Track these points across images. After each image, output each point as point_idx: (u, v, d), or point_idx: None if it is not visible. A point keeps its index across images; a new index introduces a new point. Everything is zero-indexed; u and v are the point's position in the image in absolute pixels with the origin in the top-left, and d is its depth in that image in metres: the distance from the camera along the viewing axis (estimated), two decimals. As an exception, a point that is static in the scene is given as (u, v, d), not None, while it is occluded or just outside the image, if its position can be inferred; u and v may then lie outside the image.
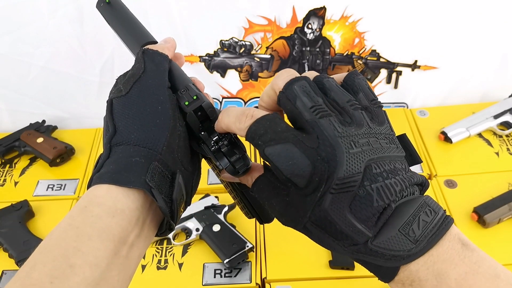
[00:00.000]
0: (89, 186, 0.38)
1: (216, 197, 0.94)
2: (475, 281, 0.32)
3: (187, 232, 0.90)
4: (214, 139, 0.44)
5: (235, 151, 0.43)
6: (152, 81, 0.43)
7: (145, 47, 0.48)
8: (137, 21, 0.54)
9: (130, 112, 0.41)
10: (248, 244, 0.84)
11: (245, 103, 1.19)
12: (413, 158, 0.40)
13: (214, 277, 0.83)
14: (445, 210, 0.37)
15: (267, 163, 0.38)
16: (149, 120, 0.41)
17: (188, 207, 0.45)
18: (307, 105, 0.36)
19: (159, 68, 0.45)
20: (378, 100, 0.39)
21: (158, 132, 0.40)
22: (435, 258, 0.34)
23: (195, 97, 0.43)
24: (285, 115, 0.40)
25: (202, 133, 0.44)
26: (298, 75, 0.38)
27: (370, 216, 0.34)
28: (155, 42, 0.50)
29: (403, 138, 0.41)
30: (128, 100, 0.42)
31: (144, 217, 0.39)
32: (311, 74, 0.39)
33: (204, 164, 0.48)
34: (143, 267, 0.86)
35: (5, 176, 1.06)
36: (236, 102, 1.19)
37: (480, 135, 1.06)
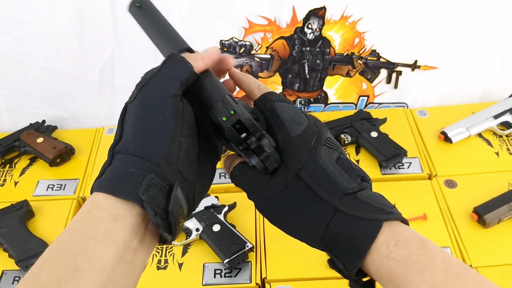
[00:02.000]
0: (91, 192, 0.39)
1: (216, 197, 0.94)
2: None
3: (187, 232, 0.90)
4: (242, 136, 0.43)
5: (265, 148, 0.43)
6: (158, 87, 0.42)
7: (178, 53, 0.46)
8: (171, 27, 0.52)
9: (132, 120, 0.41)
10: (248, 244, 0.84)
11: (245, 103, 1.19)
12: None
13: (214, 277, 0.83)
14: None
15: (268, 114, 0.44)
16: (148, 131, 0.40)
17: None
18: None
19: (172, 76, 0.43)
20: None
21: (157, 144, 0.40)
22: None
23: (232, 112, 0.42)
24: None
25: (240, 148, 0.43)
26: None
27: (353, 176, 0.41)
28: (190, 50, 0.49)
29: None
30: (133, 107, 0.42)
31: (146, 224, 0.39)
32: None
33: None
34: (143, 267, 0.86)
35: (5, 176, 1.06)
36: (236, 102, 1.19)
37: (480, 135, 1.06)
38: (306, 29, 1.07)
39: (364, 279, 0.40)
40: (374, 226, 0.38)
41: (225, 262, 0.83)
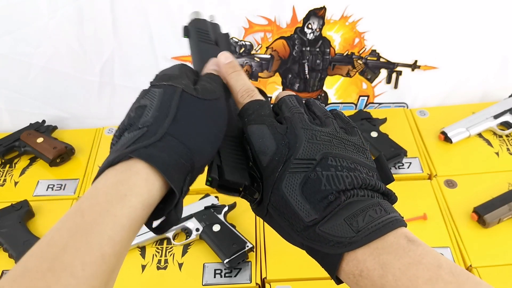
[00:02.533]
0: (131, 151, 0.38)
1: (216, 197, 0.94)
2: (417, 270, 0.34)
3: (187, 232, 0.90)
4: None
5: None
6: (223, 105, 0.45)
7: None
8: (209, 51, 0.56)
9: (198, 114, 0.42)
10: (248, 244, 0.84)
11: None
12: (387, 176, 0.43)
13: (214, 277, 0.83)
14: (403, 217, 0.39)
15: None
16: (208, 136, 0.42)
17: (188, 206, 0.46)
18: (288, 106, 0.44)
19: (227, 96, 0.47)
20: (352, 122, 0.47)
21: (208, 153, 0.42)
22: (380, 250, 0.36)
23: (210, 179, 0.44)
24: None
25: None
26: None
27: (319, 199, 0.38)
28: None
29: (379, 158, 0.44)
30: (200, 104, 0.43)
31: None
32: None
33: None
34: (143, 267, 0.86)
35: (5, 176, 1.06)
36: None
37: (480, 135, 1.06)
38: (306, 29, 1.07)
39: None
40: (334, 259, 0.38)
41: (225, 262, 0.83)
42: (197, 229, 0.88)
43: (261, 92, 0.49)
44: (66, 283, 0.30)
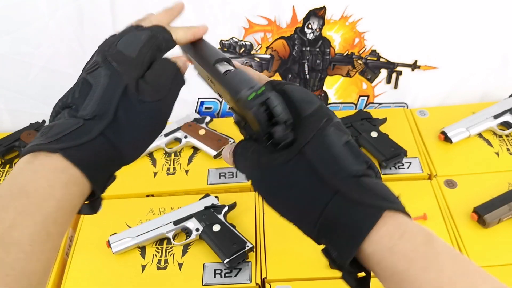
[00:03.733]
0: (63, 148, 0.39)
1: (216, 197, 0.94)
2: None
3: (187, 232, 0.90)
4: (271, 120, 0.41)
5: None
6: (166, 106, 0.46)
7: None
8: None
9: (136, 118, 0.43)
10: (248, 244, 0.84)
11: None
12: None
13: (214, 277, 0.83)
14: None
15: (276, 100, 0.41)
16: (143, 140, 0.45)
17: (188, 206, 0.46)
18: None
19: (176, 89, 0.48)
20: None
21: (139, 154, 0.45)
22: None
23: (262, 90, 0.40)
24: None
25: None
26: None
27: (361, 160, 0.39)
28: (228, 60, 0.49)
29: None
30: (141, 107, 0.43)
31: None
32: None
33: (204, 166, 0.49)
34: (143, 267, 0.86)
35: (5, 176, 1.06)
36: (236, 102, 1.19)
37: (480, 135, 1.06)
38: (306, 29, 1.07)
39: (359, 275, 0.38)
40: (375, 213, 0.35)
41: (225, 262, 0.83)
42: (197, 229, 0.88)
43: None
44: (16, 257, 0.34)
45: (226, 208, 0.91)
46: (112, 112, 0.41)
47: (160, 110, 0.44)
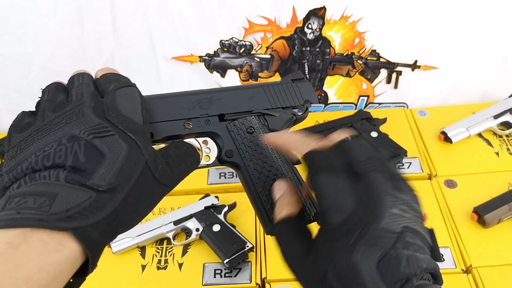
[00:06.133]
0: (73, 228, 0.33)
1: (216, 197, 0.94)
2: None
3: (187, 232, 0.90)
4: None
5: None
6: (169, 190, 0.42)
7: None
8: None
9: (147, 198, 0.40)
10: (248, 244, 0.84)
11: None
12: (436, 256, 0.38)
13: (214, 277, 0.83)
14: None
15: (311, 190, 0.38)
16: (143, 215, 0.40)
17: (188, 206, 0.45)
18: (359, 158, 0.38)
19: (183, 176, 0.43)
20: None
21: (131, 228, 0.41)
22: None
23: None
24: None
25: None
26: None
27: (395, 280, 0.33)
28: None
29: (431, 233, 0.40)
30: (155, 188, 0.40)
31: None
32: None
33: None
34: (143, 267, 0.86)
35: (5, 176, 1.06)
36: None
37: (480, 135, 1.06)
38: (306, 29, 1.07)
39: None
40: None
41: (225, 262, 0.83)
42: (197, 229, 0.88)
43: None
44: None
45: (226, 208, 0.91)
46: (129, 187, 0.36)
47: (165, 193, 0.40)
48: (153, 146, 0.40)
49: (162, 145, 0.44)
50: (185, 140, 0.47)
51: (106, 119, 0.38)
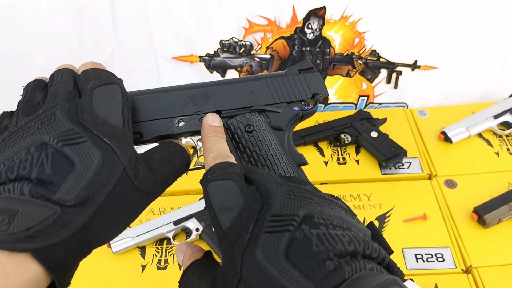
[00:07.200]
0: (32, 249, 0.30)
1: (216, 197, 0.94)
2: None
3: (187, 232, 0.90)
4: None
5: None
6: (152, 199, 0.40)
7: None
8: None
9: (124, 207, 0.37)
10: (248, 244, 0.84)
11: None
12: (386, 248, 0.34)
13: (214, 277, 0.83)
14: None
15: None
16: (121, 229, 0.37)
17: (188, 206, 0.43)
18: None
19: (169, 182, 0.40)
20: None
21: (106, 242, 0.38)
22: None
23: None
24: None
25: None
26: None
27: (313, 265, 0.29)
28: None
29: (370, 225, 0.36)
30: (134, 196, 0.37)
31: None
32: None
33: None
34: (143, 267, 0.86)
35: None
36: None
37: (480, 135, 1.06)
38: (306, 29, 1.07)
39: None
40: None
41: (225, 262, 0.82)
42: (197, 229, 0.88)
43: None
44: None
45: (226, 208, 0.91)
46: (101, 199, 0.33)
47: (150, 201, 0.37)
48: (147, 146, 0.38)
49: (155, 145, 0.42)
50: (183, 139, 0.44)
51: (79, 123, 0.35)
